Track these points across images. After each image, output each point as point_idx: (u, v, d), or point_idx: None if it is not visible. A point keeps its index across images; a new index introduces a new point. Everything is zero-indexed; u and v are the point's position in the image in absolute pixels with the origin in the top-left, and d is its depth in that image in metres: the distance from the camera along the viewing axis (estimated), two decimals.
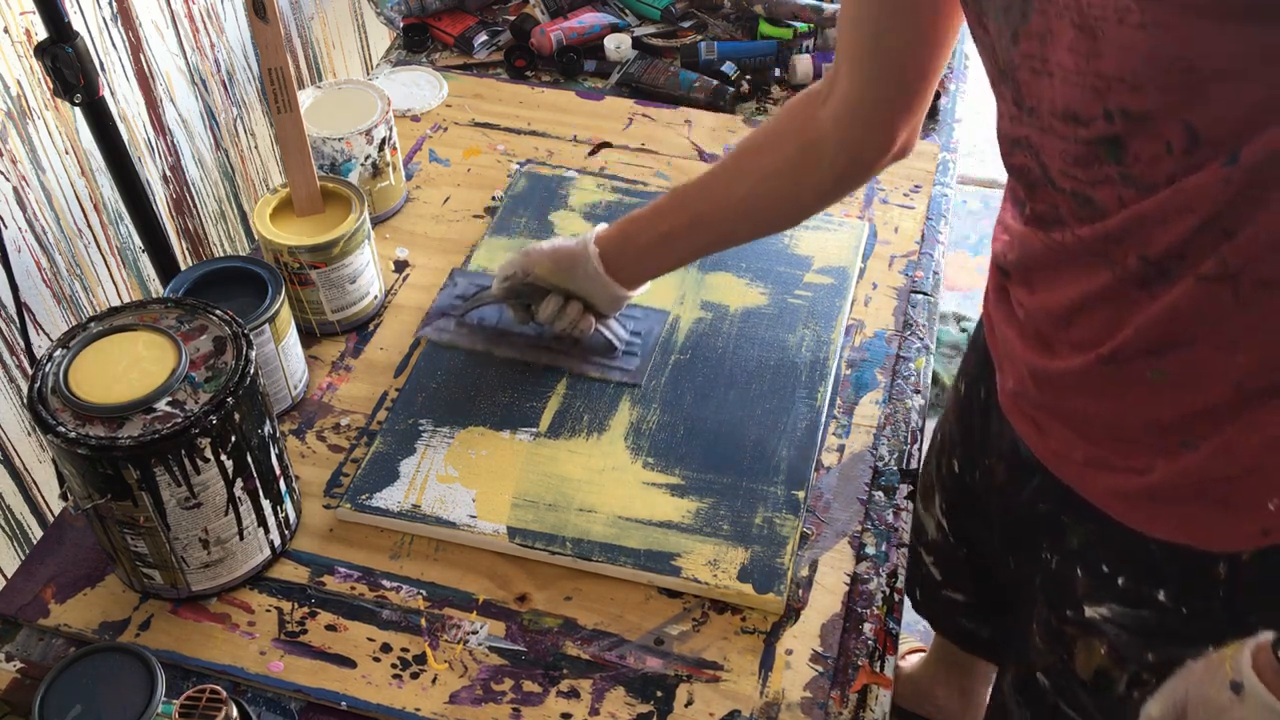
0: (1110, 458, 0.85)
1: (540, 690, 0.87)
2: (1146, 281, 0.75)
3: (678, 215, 1.02)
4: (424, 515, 0.98)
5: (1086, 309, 0.80)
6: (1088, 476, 0.88)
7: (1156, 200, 0.71)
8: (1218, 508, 0.81)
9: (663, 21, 1.57)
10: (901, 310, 1.18)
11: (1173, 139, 0.68)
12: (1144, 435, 0.82)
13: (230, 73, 1.67)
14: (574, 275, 1.04)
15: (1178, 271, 0.73)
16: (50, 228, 1.36)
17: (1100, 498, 0.87)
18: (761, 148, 0.99)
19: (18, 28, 1.26)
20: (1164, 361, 0.77)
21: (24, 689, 0.89)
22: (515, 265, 1.07)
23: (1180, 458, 0.80)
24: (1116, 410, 0.83)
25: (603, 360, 1.10)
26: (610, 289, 1.04)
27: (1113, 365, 0.80)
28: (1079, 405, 0.85)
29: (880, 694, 0.89)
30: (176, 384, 0.84)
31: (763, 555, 0.94)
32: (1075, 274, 0.80)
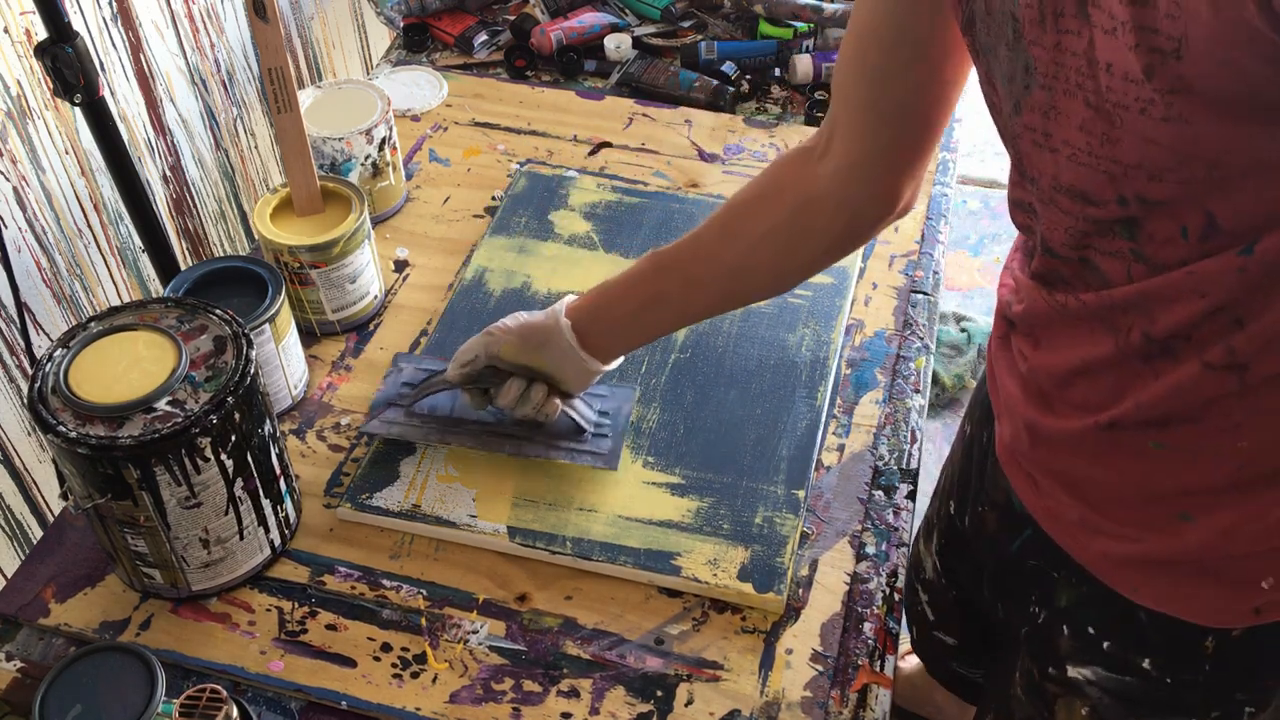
0: (1104, 522, 0.83)
1: (540, 690, 0.88)
2: (1149, 358, 0.73)
3: (661, 281, 0.94)
4: (424, 515, 0.98)
5: (1088, 374, 0.78)
6: (1080, 537, 0.86)
7: (1167, 279, 0.69)
8: (1210, 582, 0.79)
9: (663, 21, 1.58)
10: (901, 310, 1.18)
11: (1190, 224, 0.66)
12: (1140, 504, 0.80)
13: (230, 73, 1.67)
14: (544, 353, 0.96)
15: (1183, 353, 0.71)
16: (50, 228, 1.36)
17: (1091, 560, 0.85)
18: (752, 208, 0.91)
19: (18, 28, 1.26)
20: (1164, 435, 0.75)
21: (24, 689, 0.89)
22: (476, 349, 0.97)
23: (1176, 531, 0.78)
24: (1113, 476, 0.81)
25: (571, 444, 1.01)
26: (583, 364, 0.95)
27: (1112, 432, 0.78)
28: (1075, 467, 0.83)
29: (880, 693, 0.89)
30: (177, 384, 0.84)
31: (763, 554, 0.94)
32: (1079, 337, 0.78)
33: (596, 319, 0.95)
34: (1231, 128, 0.60)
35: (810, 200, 0.88)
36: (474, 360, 0.98)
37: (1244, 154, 0.61)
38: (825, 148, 0.87)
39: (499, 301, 1.17)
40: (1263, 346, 0.68)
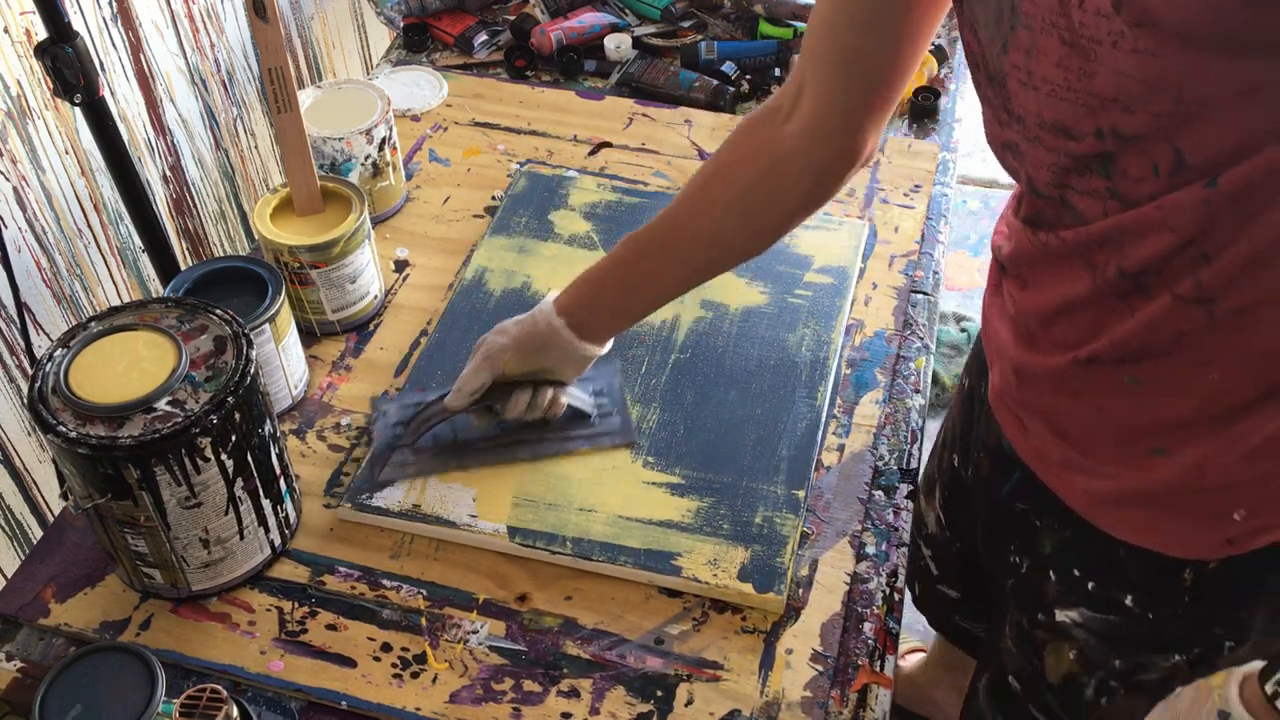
0: (1084, 460, 0.86)
1: (540, 690, 0.88)
2: (1124, 293, 0.76)
3: (642, 263, 0.96)
4: (424, 515, 0.98)
5: (1068, 311, 0.81)
6: (1063, 476, 0.89)
7: (1139, 214, 0.72)
8: (1185, 516, 0.82)
9: (663, 21, 1.58)
10: (901, 310, 1.18)
11: (1160, 161, 0.69)
12: (1117, 441, 0.83)
13: (230, 73, 1.67)
14: (543, 355, 0.98)
15: (1154, 288, 0.74)
16: (50, 228, 1.36)
17: (1073, 498, 0.88)
18: (720, 177, 0.92)
19: (18, 28, 1.26)
20: (1139, 370, 0.78)
21: (24, 689, 0.89)
22: (481, 375, 0.98)
23: (1151, 466, 0.81)
24: (1092, 414, 0.84)
25: (583, 432, 1.03)
26: (581, 352, 0.98)
27: (1090, 367, 0.81)
28: (1058, 405, 0.86)
29: (880, 693, 0.89)
30: (177, 384, 0.84)
31: (763, 554, 0.94)
32: (1059, 275, 0.81)
33: (587, 310, 0.97)
34: (1195, 59, 0.63)
35: (776, 162, 0.89)
36: (482, 385, 0.98)
37: (1207, 85, 0.64)
38: (791, 108, 0.88)
39: (499, 301, 1.16)
40: (1229, 281, 0.71)
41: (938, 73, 1.48)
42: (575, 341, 0.97)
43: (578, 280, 0.99)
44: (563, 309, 0.97)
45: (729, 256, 0.97)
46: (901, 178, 1.33)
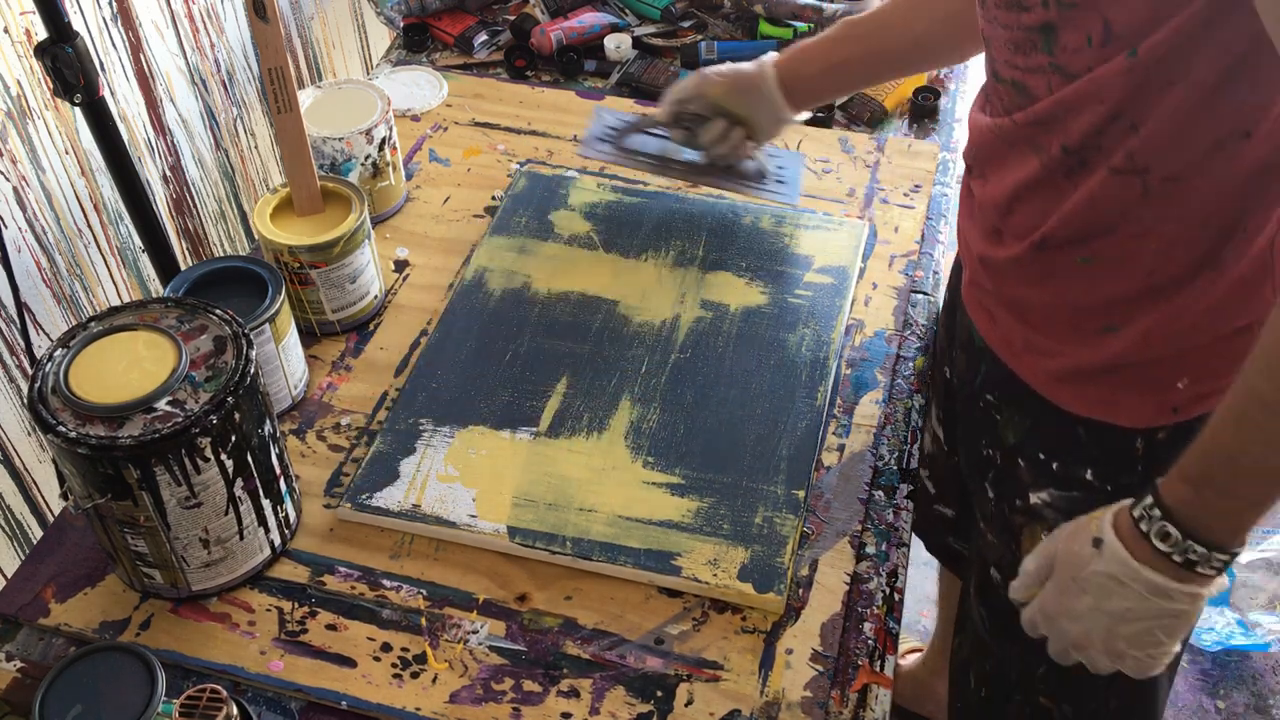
0: (1045, 341, 0.93)
1: (540, 690, 0.88)
2: (1069, 171, 0.83)
3: (853, 46, 1.09)
4: (424, 515, 0.98)
5: (1022, 197, 0.88)
6: (1026, 360, 0.96)
7: (1074, 89, 0.79)
8: (1134, 387, 0.90)
9: (663, 21, 1.58)
10: (901, 310, 1.18)
11: (1092, 32, 0.76)
12: (1071, 320, 0.90)
13: (230, 73, 1.67)
14: (748, 98, 1.12)
15: (1094, 162, 0.81)
16: (50, 228, 1.36)
17: (1035, 379, 0.95)
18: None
19: (18, 28, 1.26)
20: (1087, 249, 0.86)
21: (24, 689, 0.89)
22: (689, 89, 1.13)
23: (1103, 342, 0.89)
24: (1049, 297, 0.91)
25: (757, 185, 1.18)
26: (780, 111, 1.12)
27: (1044, 252, 0.88)
28: (1019, 292, 0.93)
29: (880, 693, 0.89)
30: (177, 384, 0.84)
31: (763, 555, 0.94)
32: (1013, 162, 0.88)
33: (798, 74, 1.12)
34: None
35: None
36: (684, 99, 1.14)
37: None
38: None
39: (499, 301, 1.17)
40: (1157, 150, 0.78)
41: (938, 73, 1.48)
42: (778, 97, 1.11)
43: (793, 47, 1.13)
44: (777, 64, 1.12)
45: (931, 62, 1.15)
46: (901, 178, 1.33)
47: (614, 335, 1.13)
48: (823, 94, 1.16)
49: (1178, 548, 0.73)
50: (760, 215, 1.26)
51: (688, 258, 1.21)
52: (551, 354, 1.11)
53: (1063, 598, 0.80)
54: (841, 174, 1.34)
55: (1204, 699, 1.76)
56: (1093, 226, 0.85)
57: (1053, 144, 0.83)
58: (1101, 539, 0.77)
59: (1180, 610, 0.75)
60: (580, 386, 1.08)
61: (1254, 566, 1.90)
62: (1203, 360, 0.88)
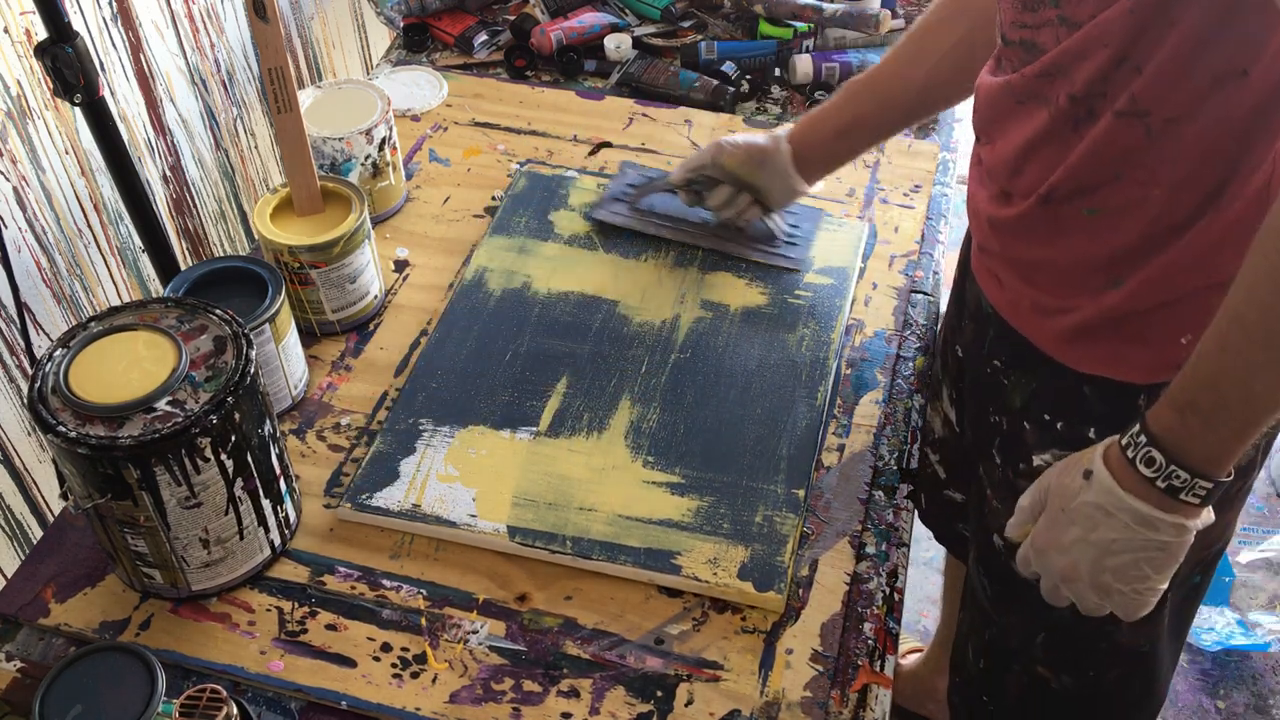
0: (1050, 301, 0.94)
1: (540, 690, 0.88)
2: (1076, 121, 0.85)
3: (860, 105, 1.11)
4: (424, 515, 0.98)
5: (1031, 153, 0.89)
6: (1032, 321, 0.97)
7: (1080, 35, 0.81)
8: (1137, 343, 0.91)
9: (663, 21, 1.58)
10: (901, 310, 1.18)
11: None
12: (1076, 275, 0.91)
13: (230, 73, 1.67)
14: (761, 170, 1.15)
15: (1099, 109, 0.83)
16: (50, 228, 1.36)
17: (1041, 339, 0.96)
18: (935, 29, 1.06)
19: (18, 28, 1.26)
20: (1094, 199, 0.87)
21: (24, 689, 0.89)
22: (706, 157, 1.17)
23: (1106, 296, 0.90)
24: (1055, 253, 0.92)
25: (766, 248, 1.20)
26: (793, 184, 1.15)
27: (1050, 205, 0.89)
28: (1026, 252, 0.95)
29: (880, 693, 0.89)
30: (177, 384, 0.84)
31: (763, 554, 0.94)
32: (1020, 118, 0.89)
33: (807, 144, 1.14)
34: None
35: (987, 12, 0.97)
36: (702, 165, 1.17)
37: None
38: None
39: (499, 301, 1.17)
40: (1159, 92, 0.80)
41: None
42: (790, 169, 1.14)
43: (806, 116, 1.16)
44: (790, 137, 1.14)
45: (940, 103, 1.16)
46: (901, 178, 1.33)
47: (614, 335, 1.13)
48: (836, 158, 1.17)
49: (1161, 473, 0.74)
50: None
51: (688, 258, 1.21)
52: (551, 354, 1.11)
53: (1052, 529, 0.81)
54: (841, 174, 1.33)
55: (1204, 699, 1.76)
56: (1099, 175, 0.86)
57: (1059, 94, 0.85)
58: (1091, 470, 0.78)
59: (1165, 542, 0.77)
60: (580, 386, 1.08)
61: (1254, 566, 1.90)
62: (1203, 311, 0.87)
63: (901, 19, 1.53)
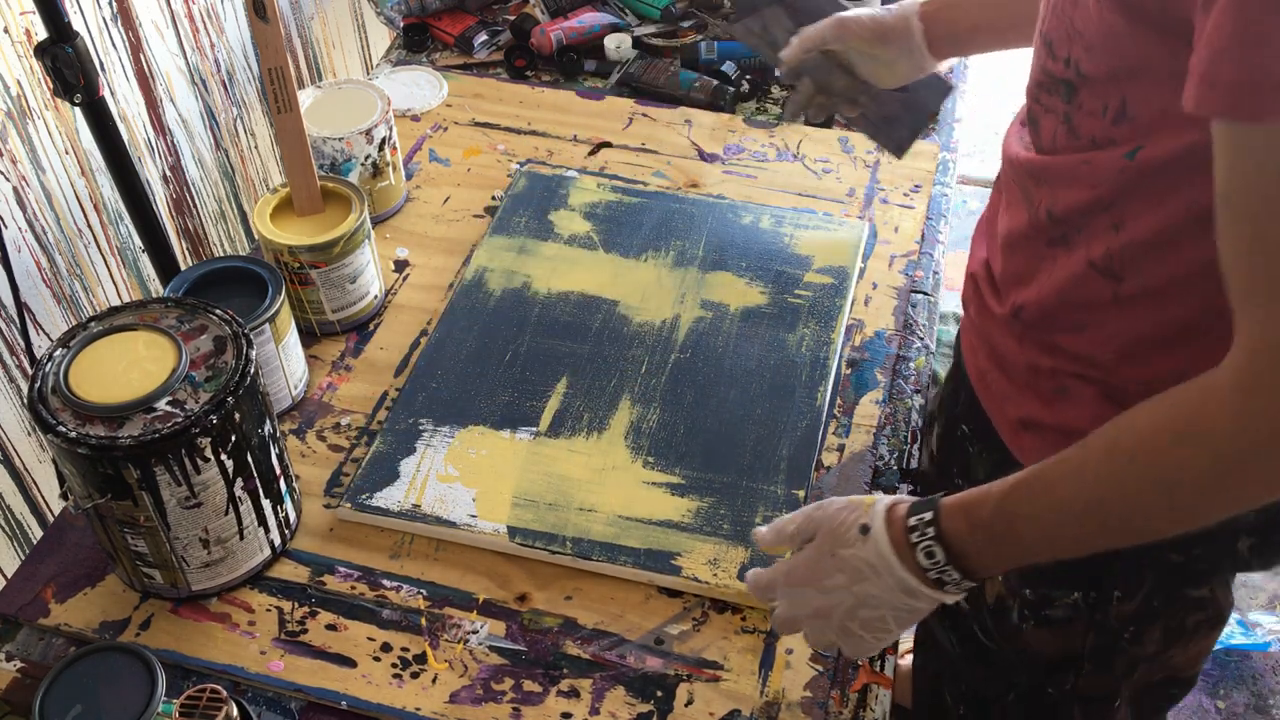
0: (1008, 388, 0.94)
1: (540, 690, 0.88)
2: (1052, 241, 0.83)
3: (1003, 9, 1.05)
4: (424, 515, 0.98)
5: (1013, 246, 0.89)
6: (993, 402, 0.96)
7: (1069, 161, 0.79)
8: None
9: (663, 21, 1.57)
10: (901, 310, 1.18)
11: (1110, 104, 0.75)
12: (1032, 376, 0.90)
13: (230, 73, 1.67)
14: (890, 47, 1.08)
15: (1075, 243, 0.81)
16: (50, 228, 1.36)
17: (997, 421, 0.96)
18: None
19: (18, 28, 1.26)
20: (1054, 338, 0.87)
21: (24, 688, 0.89)
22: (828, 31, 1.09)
23: (1053, 400, 0.89)
24: (1017, 351, 0.91)
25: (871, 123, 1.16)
26: (923, 61, 1.08)
27: (1019, 321, 0.89)
28: (993, 332, 0.94)
29: (880, 693, 0.89)
30: (177, 384, 0.84)
31: (763, 554, 0.94)
32: (1010, 202, 0.89)
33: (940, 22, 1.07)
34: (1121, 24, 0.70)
35: None
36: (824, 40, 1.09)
37: (1137, 55, 0.71)
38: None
39: (499, 301, 1.17)
40: (1135, 257, 0.78)
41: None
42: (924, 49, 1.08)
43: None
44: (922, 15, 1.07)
45: None
46: (901, 178, 1.33)
47: (614, 335, 1.13)
48: (967, 48, 1.12)
49: (937, 567, 0.74)
50: (760, 215, 1.26)
51: (688, 258, 1.21)
52: (551, 354, 1.11)
53: (815, 569, 0.79)
54: (841, 174, 1.34)
55: (1204, 699, 1.76)
56: (1062, 318, 0.85)
57: (1041, 204, 0.83)
58: (870, 527, 0.77)
59: (919, 608, 0.77)
60: (580, 386, 1.08)
61: None
62: None
63: None
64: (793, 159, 1.36)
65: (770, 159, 1.36)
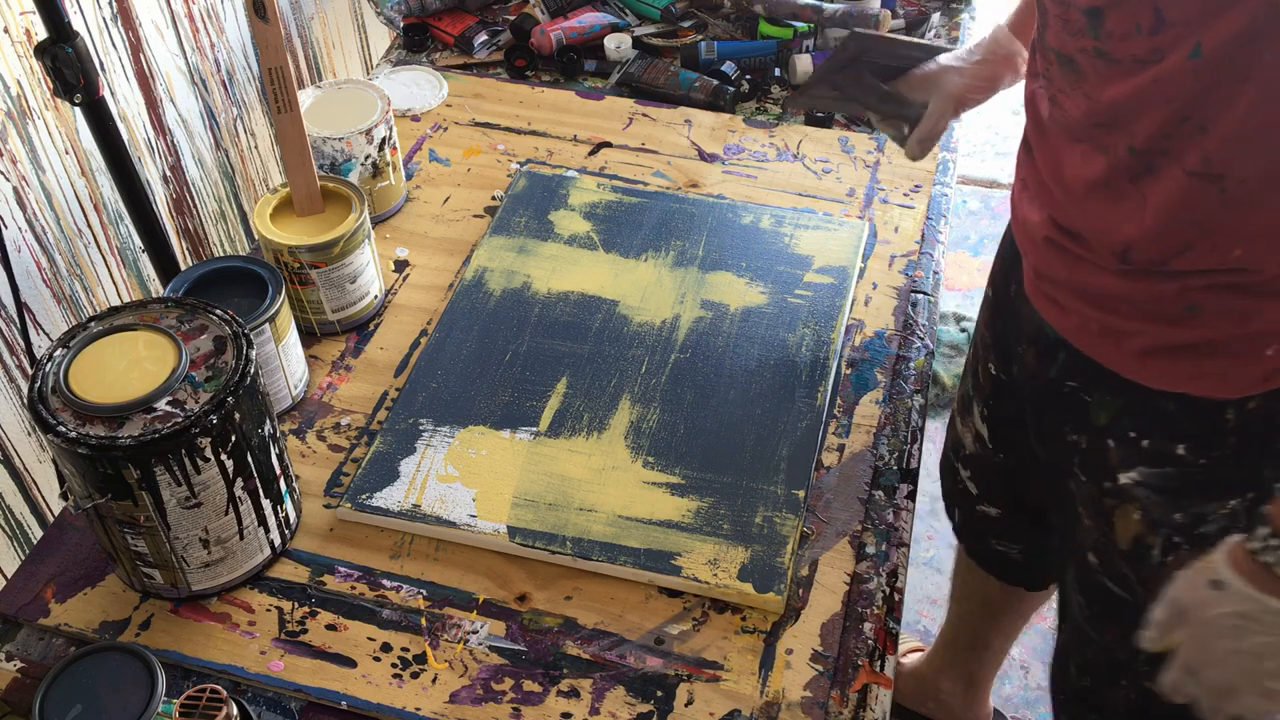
0: (1123, 324, 0.90)
1: (540, 690, 0.88)
2: (1135, 176, 0.81)
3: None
4: (424, 515, 0.98)
5: (1093, 197, 0.86)
6: (1104, 344, 0.93)
7: (1135, 87, 0.77)
8: (1223, 358, 0.86)
9: (663, 21, 1.58)
10: (901, 310, 1.18)
11: (1142, 20, 0.74)
12: (1152, 305, 0.87)
13: (230, 73, 1.67)
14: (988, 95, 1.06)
15: (1160, 165, 0.79)
16: (50, 228, 1.36)
17: (1118, 362, 0.92)
18: None
19: (18, 28, 1.26)
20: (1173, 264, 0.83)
21: (24, 689, 0.89)
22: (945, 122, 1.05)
23: (1185, 319, 0.86)
24: (1128, 287, 0.88)
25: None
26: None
27: (1126, 262, 0.86)
28: (1096, 282, 0.91)
29: (880, 693, 0.89)
30: (177, 384, 0.84)
31: (763, 554, 0.94)
32: (1076, 159, 0.86)
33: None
34: None
35: None
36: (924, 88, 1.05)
37: None
38: None
39: (499, 301, 1.17)
40: (1232, 152, 0.75)
41: None
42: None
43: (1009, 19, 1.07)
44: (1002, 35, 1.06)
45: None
46: (901, 178, 1.33)
47: (614, 335, 1.13)
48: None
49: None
50: (760, 215, 1.26)
51: (688, 258, 1.21)
52: (551, 354, 1.11)
53: (1201, 648, 0.78)
54: (841, 174, 1.34)
55: None
56: (1173, 242, 0.82)
57: (1118, 145, 0.81)
58: (1221, 580, 0.75)
59: None
60: (580, 386, 1.08)
61: None
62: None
63: (901, 19, 1.53)
64: (793, 159, 1.36)
65: (770, 159, 1.36)
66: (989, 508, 1.32)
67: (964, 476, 1.31)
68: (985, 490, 1.30)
